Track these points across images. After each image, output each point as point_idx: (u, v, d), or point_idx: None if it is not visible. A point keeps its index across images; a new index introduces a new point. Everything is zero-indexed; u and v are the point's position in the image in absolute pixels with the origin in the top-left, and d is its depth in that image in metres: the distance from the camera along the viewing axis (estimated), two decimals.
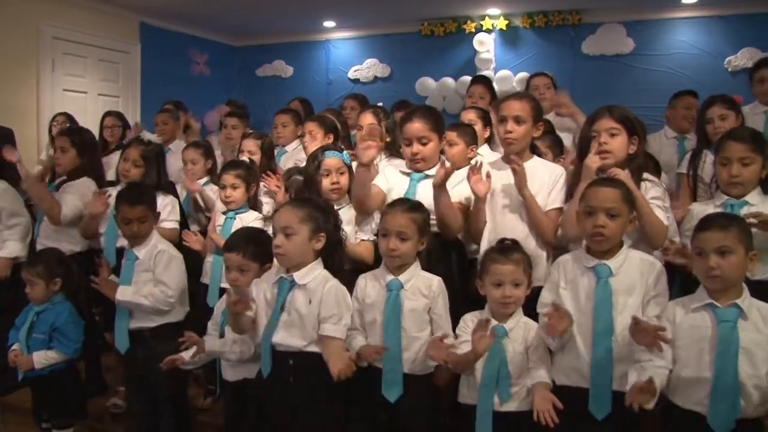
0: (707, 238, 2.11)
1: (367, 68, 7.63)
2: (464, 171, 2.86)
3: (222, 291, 3.02)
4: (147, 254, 3.05)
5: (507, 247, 2.47)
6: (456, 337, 2.48)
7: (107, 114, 5.18)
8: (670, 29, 6.41)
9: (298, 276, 2.40)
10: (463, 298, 2.73)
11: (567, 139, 4.03)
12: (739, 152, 2.64)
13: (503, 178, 2.79)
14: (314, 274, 2.41)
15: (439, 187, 2.71)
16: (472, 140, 3.40)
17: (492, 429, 2.32)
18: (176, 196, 3.78)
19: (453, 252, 2.93)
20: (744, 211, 2.56)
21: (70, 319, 3.10)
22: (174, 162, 4.44)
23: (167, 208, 3.55)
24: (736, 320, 2.06)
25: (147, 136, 4.11)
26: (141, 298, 2.98)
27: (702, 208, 2.64)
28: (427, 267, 2.63)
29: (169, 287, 3.02)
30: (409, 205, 2.57)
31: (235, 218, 3.36)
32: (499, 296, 2.39)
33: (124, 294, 2.99)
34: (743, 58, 6.01)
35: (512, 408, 2.35)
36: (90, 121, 5.24)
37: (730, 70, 6.12)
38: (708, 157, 3.29)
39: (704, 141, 3.50)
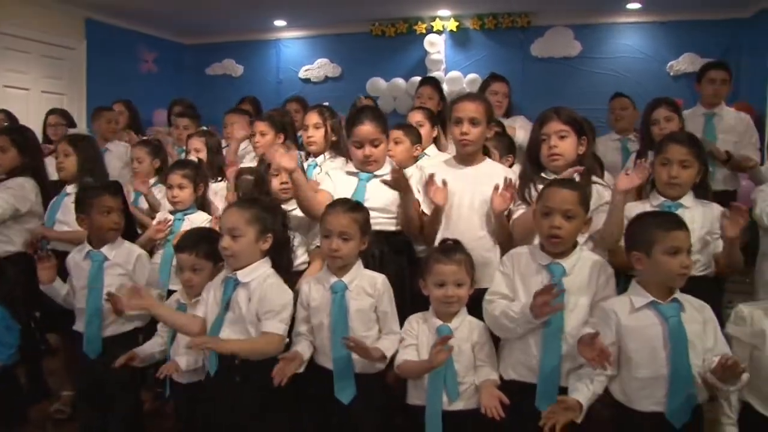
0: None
1: (318, 68, 7.61)
2: (410, 170, 2.88)
3: (170, 293, 2.97)
4: (121, 256, 2.86)
5: (449, 248, 2.49)
6: (401, 339, 2.49)
7: (51, 112, 5.06)
8: (616, 34, 6.57)
9: (241, 275, 2.40)
10: (411, 297, 2.75)
11: None
12: (679, 154, 2.71)
13: (456, 178, 2.79)
14: (257, 273, 2.40)
15: (405, 191, 2.74)
16: (417, 139, 3.45)
17: (442, 428, 2.34)
18: (124, 196, 3.68)
19: (404, 252, 2.94)
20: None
21: (2, 324, 2.87)
22: (111, 161, 4.36)
23: None
24: (680, 314, 2.13)
25: (74, 131, 3.99)
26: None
27: (636, 207, 2.67)
28: (379, 267, 2.64)
29: None
30: (350, 205, 2.57)
31: (183, 219, 3.30)
32: (441, 296, 2.41)
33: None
34: (684, 63, 6.24)
35: (460, 407, 2.36)
36: (32, 119, 5.10)
37: (672, 74, 6.32)
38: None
39: (649, 142, 3.54)
